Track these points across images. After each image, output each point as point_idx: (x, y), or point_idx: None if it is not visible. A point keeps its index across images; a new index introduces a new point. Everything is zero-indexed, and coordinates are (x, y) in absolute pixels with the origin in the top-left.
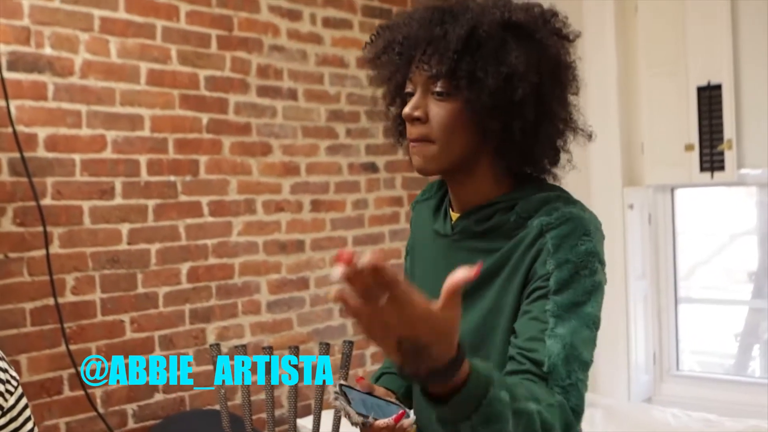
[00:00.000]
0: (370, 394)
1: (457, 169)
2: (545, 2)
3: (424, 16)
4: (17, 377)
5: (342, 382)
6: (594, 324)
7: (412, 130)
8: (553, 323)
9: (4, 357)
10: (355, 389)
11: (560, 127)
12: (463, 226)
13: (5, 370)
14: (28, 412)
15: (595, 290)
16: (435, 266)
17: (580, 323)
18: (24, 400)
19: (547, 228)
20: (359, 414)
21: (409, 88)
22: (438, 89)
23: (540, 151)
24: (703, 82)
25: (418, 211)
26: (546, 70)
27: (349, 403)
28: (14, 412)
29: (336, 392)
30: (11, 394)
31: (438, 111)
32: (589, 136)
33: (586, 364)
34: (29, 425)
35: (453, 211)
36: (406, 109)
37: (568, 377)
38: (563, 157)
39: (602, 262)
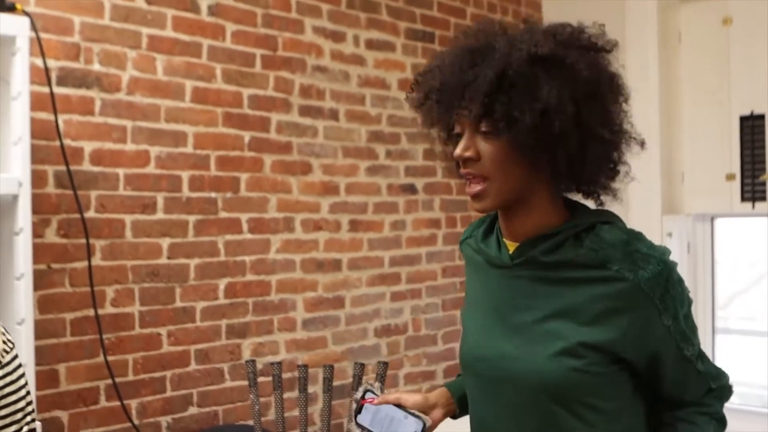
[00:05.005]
0: (398, 405)
1: (514, 201)
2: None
3: (454, 61)
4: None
5: (369, 386)
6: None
7: (466, 169)
8: (699, 363)
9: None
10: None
11: (609, 143)
12: (529, 257)
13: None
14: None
15: (690, 309)
16: (489, 297)
17: (699, 342)
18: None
19: (647, 285)
20: (357, 425)
21: (457, 129)
22: (483, 129)
23: (593, 172)
24: (746, 112)
25: (465, 249)
26: (582, 95)
27: (359, 411)
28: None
29: (356, 399)
30: (7, 353)
31: (488, 148)
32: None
33: (706, 357)
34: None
35: (506, 239)
36: (457, 151)
37: (717, 380)
38: (621, 169)
39: (683, 281)
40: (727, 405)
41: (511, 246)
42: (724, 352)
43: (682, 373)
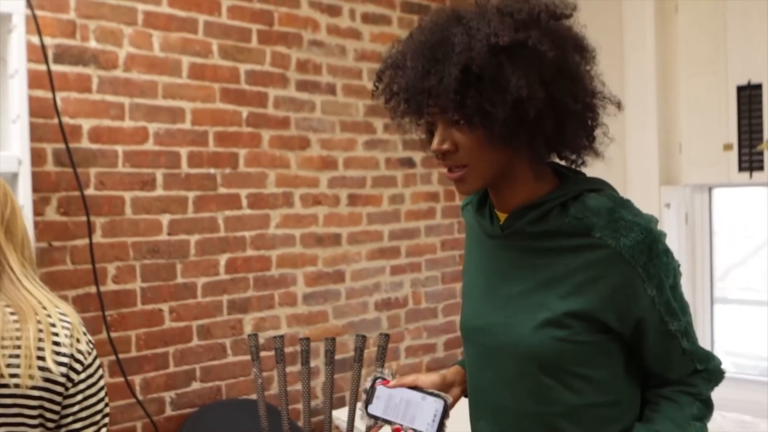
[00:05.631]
0: (414, 387)
1: (498, 178)
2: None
3: (415, 61)
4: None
5: (378, 372)
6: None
7: (445, 162)
8: (684, 341)
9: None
10: (390, 381)
11: (584, 112)
12: (517, 227)
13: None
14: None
15: (679, 281)
16: (483, 266)
17: (689, 321)
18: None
19: (629, 253)
20: (369, 415)
21: (429, 119)
22: (456, 118)
23: (573, 141)
24: (743, 82)
25: (465, 215)
26: (551, 75)
27: (370, 401)
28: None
29: (365, 389)
30: (89, 354)
31: (463, 138)
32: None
33: (695, 338)
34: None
35: (497, 210)
36: (434, 145)
37: (705, 363)
38: (598, 131)
39: (671, 252)
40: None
41: (502, 217)
42: (723, 322)
43: (665, 347)
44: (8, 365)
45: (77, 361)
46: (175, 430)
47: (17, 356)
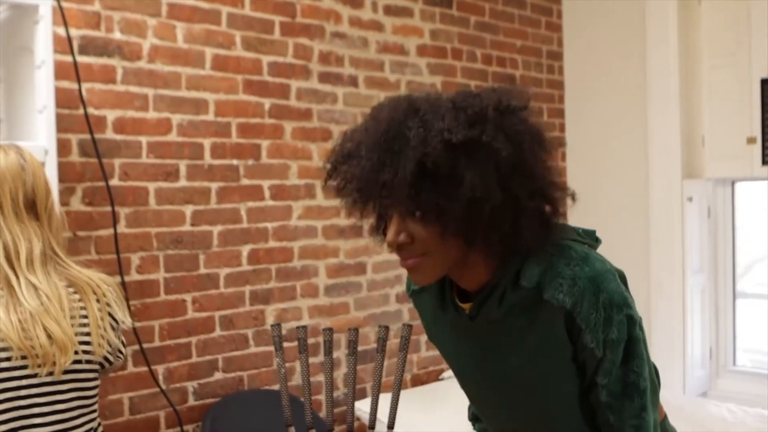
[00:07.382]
0: None
1: (453, 267)
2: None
3: (371, 155)
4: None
5: None
6: (647, 391)
7: (402, 254)
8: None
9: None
10: None
11: (541, 207)
12: (483, 314)
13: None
14: None
15: (637, 351)
16: (462, 349)
17: (640, 407)
18: None
19: (573, 309)
20: None
21: (382, 211)
22: (412, 210)
23: (528, 239)
24: (767, 75)
25: (419, 301)
26: (506, 172)
27: None
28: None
29: None
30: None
31: (420, 230)
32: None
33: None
34: None
35: (458, 296)
36: (389, 237)
37: None
38: (553, 221)
39: (627, 305)
40: (745, 368)
41: (467, 305)
42: (744, 317)
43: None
44: (77, 334)
45: (123, 332)
46: (198, 419)
47: (86, 325)
